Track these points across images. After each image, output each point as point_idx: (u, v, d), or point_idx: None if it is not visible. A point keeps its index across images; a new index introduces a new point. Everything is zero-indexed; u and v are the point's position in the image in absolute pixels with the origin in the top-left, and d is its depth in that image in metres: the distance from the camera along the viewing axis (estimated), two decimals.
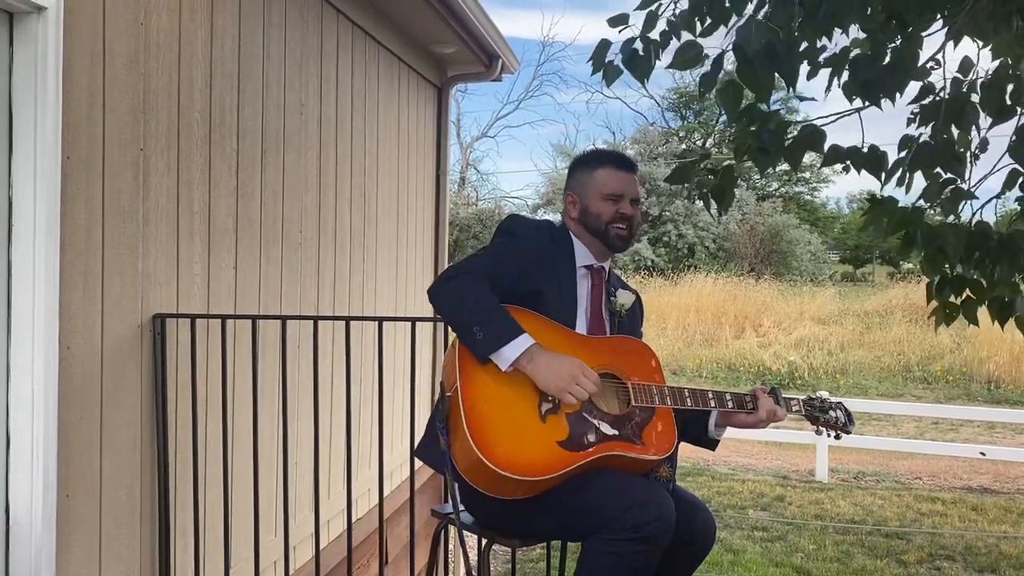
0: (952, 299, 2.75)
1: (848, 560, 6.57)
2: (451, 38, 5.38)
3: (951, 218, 2.60)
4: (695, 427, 2.39)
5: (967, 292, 2.73)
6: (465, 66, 6.10)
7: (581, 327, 2.32)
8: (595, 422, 2.14)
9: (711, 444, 2.44)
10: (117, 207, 2.70)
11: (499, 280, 2.19)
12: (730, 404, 2.33)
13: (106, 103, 2.63)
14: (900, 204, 2.59)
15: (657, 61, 2.57)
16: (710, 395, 2.32)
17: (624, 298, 2.41)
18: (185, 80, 3.06)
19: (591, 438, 2.12)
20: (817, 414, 2.47)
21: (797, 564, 6.45)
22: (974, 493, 8.88)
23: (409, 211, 5.61)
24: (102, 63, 2.61)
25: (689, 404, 2.27)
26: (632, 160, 2.48)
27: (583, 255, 2.39)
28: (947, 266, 2.67)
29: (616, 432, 2.15)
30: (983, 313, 2.79)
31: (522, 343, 2.08)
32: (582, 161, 2.49)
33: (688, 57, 2.45)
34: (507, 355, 2.07)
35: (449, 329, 2.31)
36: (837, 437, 2.52)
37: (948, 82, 2.60)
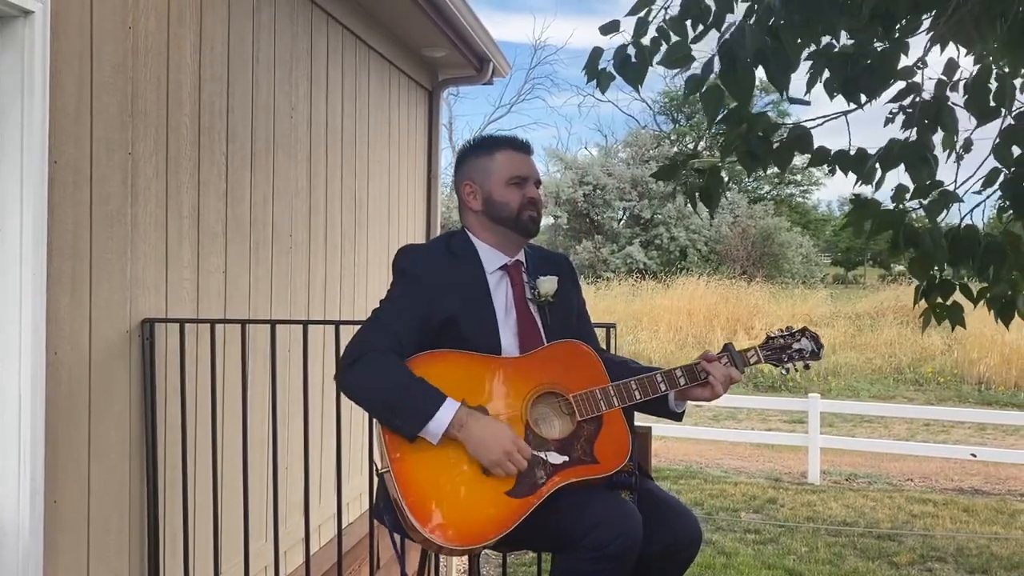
0: (940, 301, 2.75)
1: (840, 562, 6.57)
2: (442, 42, 5.38)
3: (941, 220, 2.60)
4: (655, 404, 2.26)
5: (955, 295, 2.73)
6: (456, 70, 6.09)
7: (509, 335, 2.20)
8: (542, 455, 2.05)
9: (675, 417, 2.30)
10: (105, 211, 2.68)
11: (406, 330, 2.10)
12: (682, 381, 2.20)
13: (94, 107, 2.62)
14: (885, 206, 2.60)
15: (649, 66, 2.57)
16: (659, 379, 2.19)
17: (546, 286, 2.25)
18: (174, 83, 3.05)
19: (540, 476, 2.03)
20: (781, 355, 2.29)
21: (789, 566, 6.45)
22: (965, 494, 8.91)
23: (400, 214, 5.61)
24: (90, 67, 2.60)
25: (638, 397, 2.16)
26: (528, 141, 2.33)
27: (492, 257, 2.25)
28: (934, 269, 2.67)
29: (566, 458, 2.06)
30: (976, 315, 2.79)
31: (446, 413, 1.98)
32: (476, 146, 2.31)
33: (678, 57, 2.44)
34: (434, 430, 1.98)
35: None
36: (806, 367, 2.30)
37: (931, 84, 2.61)
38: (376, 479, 2.17)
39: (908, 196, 2.59)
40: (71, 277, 2.55)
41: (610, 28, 2.51)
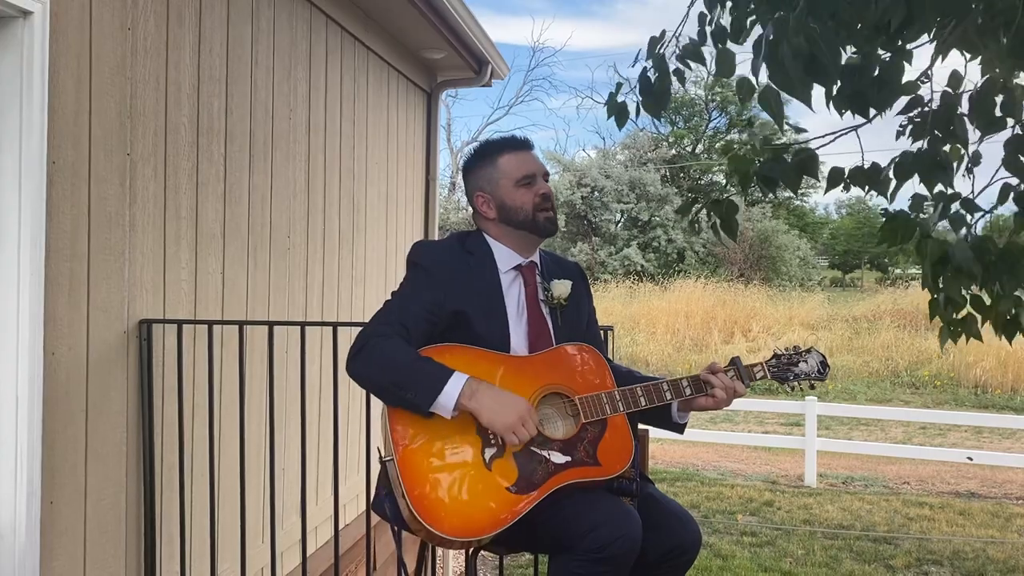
0: (954, 316, 2.74)
1: (836, 565, 6.58)
2: (440, 44, 5.38)
3: (962, 232, 2.59)
4: (658, 415, 2.29)
5: (967, 308, 2.72)
6: (455, 72, 6.10)
7: (519, 334, 2.22)
8: (544, 454, 2.06)
9: (678, 428, 2.33)
10: (103, 212, 2.68)
11: (416, 321, 2.10)
12: (688, 391, 2.22)
13: (92, 108, 2.62)
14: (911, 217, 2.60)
15: (672, 92, 2.58)
16: (665, 387, 2.21)
17: (560, 289, 2.28)
18: (173, 85, 3.05)
19: (542, 474, 2.04)
20: (786, 373, 2.32)
21: (786, 569, 6.46)
22: (961, 498, 8.92)
23: (398, 216, 5.61)
24: (88, 67, 2.60)
25: (643, 404, 2.18)
26: (526, 137, 2.35)
27: (507, 257, 2.27)
28: (965, 286, 2.66)
29: (568, 459, 2.07)
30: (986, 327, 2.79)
31: (455, 384, 2.00)
32: (478, 156, 2.33)
33: (726, 66, 2.44)
34: (445, 403, 1.99)
35: None
36: (812, 387, 2.35)
37: (937, 95, 2.61)
38: (379, 469, 2.17)
39: (925, 205, 2.60)
40: (69, 278, 2.54)
41: (635, 60, 2.56)
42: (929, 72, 2.56)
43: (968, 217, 2.58)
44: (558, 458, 2.07)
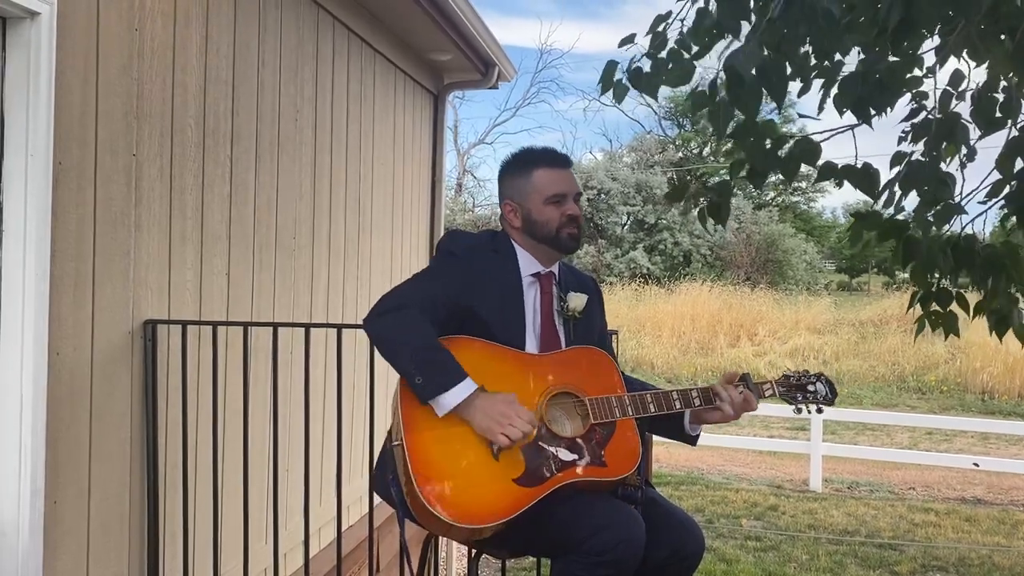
0: (937, 309, 2.75)
1: (841, 571, 6.56)
2: (448, 46, 5.38)
3: (944, 230, 2.60)
4: (670, 426, 2.30)
5: (952, 306, 2.73)
6: (462, 74, 6.10)
7: (531, 340, 2.23)
8: (552, 450, 2.07)
9: (690, 440, 2.34)
10: (109, 213, 2.69)
11: (439, 303, 2.12)
12: (697, 402, 2.23)
13: (99, 108, 2.63)
14: (886, 217, 2.61)
15: (662, 82, 2.59)
16: (674, 396, 2.22)
17: (576, 301, 2.29)
18: (179, 86, 3.05)
19: (549, 469, 2.05)
20: (795, 393, 2.36)
21: (790, 574, 6.44)
22: (967, 504, 8.88)
23: (404, 218, 5.61)
24: (95, 68, 2.61)
25: (652, 410, 2.19)
26: (565, 154, 2.35)
27: (529, 263, 2.29)
28: (935, 277, 2.68)
29: (575, 457, 2.08)
30: (978, 324, 2.79)
31: (464, 390, 2.00)
32: (514, 164, 2.33)
33: (681, 73, 2.46)
34: (445, 402, 2.00)
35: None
36: (819, 411, 2.41)
37: (938, 97, 2.61)
38: (381, 451, 2.17)
39: (915, 209, 2.60)
40: (74, 278, 2.55)
41: (627, 41, 2.55)
42: (933, 70, 2.56)
43: (959, 221, 2.59)
44: (565, 455, 2.08)
